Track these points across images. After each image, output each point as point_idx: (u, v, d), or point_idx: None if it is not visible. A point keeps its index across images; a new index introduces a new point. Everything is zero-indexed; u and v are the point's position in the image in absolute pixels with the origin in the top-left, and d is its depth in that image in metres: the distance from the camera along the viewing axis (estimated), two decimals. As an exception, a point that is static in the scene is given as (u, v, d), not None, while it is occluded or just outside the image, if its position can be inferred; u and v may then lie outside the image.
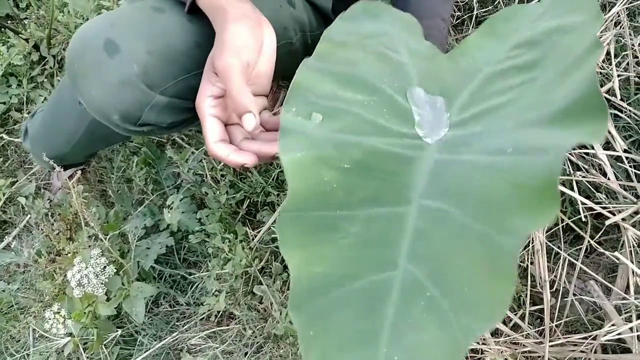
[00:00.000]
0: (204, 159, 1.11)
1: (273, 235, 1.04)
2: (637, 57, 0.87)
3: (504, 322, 0.84)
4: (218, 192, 1.07)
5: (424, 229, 0.47)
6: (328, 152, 0.52)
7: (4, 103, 1.57)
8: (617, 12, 0.89)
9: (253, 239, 1.05)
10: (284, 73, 0.94)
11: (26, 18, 1.71)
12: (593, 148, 0.85)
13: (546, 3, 0.62)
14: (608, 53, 0.88)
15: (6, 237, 1.34)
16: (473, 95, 0.58)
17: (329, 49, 0.63)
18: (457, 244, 0.44)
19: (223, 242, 1.00)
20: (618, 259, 0.74)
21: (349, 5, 0.99)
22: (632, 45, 0.87)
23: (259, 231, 1.05)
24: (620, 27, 0.89)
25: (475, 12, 1.18)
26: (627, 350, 0.74)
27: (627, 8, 0.90)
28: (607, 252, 0.78)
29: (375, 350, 0.40)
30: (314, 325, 0.41)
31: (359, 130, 0.55)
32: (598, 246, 0.80)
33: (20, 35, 1.61)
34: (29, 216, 1.35)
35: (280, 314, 0.91)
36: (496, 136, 0.49)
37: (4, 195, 1.38)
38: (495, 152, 0.47)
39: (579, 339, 0.76)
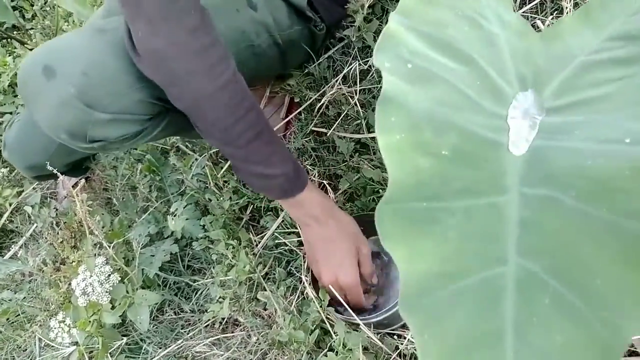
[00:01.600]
0: (207, 165, 1.11)
1: (277, 241, 1.03)
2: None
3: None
4: (221, 198, 1.06)
5: (532, 219, 0.44)
6: (426, 136, 0.48)
7: (11, 113, 1.59)
8: (620, 11, 0.88)
9: (257, 245, 1.05)
10: (255, 74, 0.94)
11: (32, 28, 1.73)
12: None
13: None
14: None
15: (13, 246, 1.35)
16: (567, 83, 0.55)
17: (415, 6, 0.58)
18: (577, 234, 0.40)
19: (227, 249, 1.00)
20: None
21: (330, 3, 0.98)
22: (636, 43, 0.86)
23: (263, 237, 1.05)
24: (623, 25, 0.88)
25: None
26: (635, 354, 0.73)
27: (629, 6, 0.89)
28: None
29: (501, 353, 0.37)
30: (428, 327, 0.39)
31: (455, 103, 0.52)
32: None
33: (26, 45, 1.63)
34: (35, 225, 1.36)
35: (284, 320, 0.91)
36: (605, 126, 0.46)
37: (10, 205, 1.39)
38: (608, 141, 0.44)
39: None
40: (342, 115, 1.06)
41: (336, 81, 1.07)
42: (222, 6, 0.84)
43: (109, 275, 0.97)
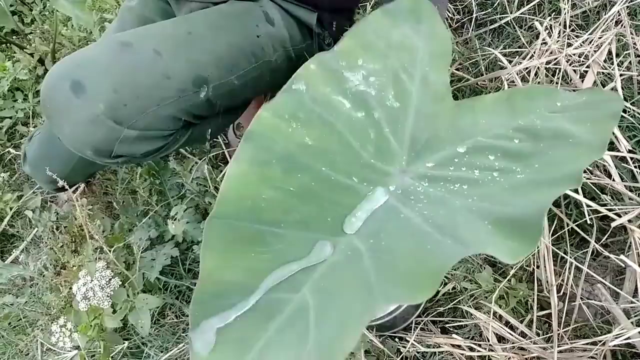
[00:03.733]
0: (207, 168, 1.12)
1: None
2: (639, 57, 0.86)
3: (512, 328, 0.82)
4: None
5: (339, 264, 0.50)
6: (275, 173, 0.54)
7: (11, 117, 1.59)
8: (618, 11, 0.88)
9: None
10: (268, 89, 0.95)
11: (31, 33, 1.73)
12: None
13: (575, 99, 0.60)
14: (610, 52, 0.87)
15: (14, 250, 1.35)
16: (453, 157, 0.58)
17: (352, 47, 0.63)
18: (351, 287, 0.48)
19: (227, 252, 1.00)
20: (624, 262, 0.73)
21: (336, 19, 0.99)
22: (634, 44, 0.86)
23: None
24: (621, 26, 0.88)
25: (474, 15, 1.17)
26: (638, 356, 0.73)
27: (627, 7, 0.89)
28: (612, 256, 0.76)
29: (242, 358, 0.45)
30: (207, 322, 0.46)
31: (329, 148, 0.57)
32: (603, 249, 0.79)
33: (25, 50, 1.63)
34: (36, 229, 1.36)
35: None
36: (444, 208, 0.52)
37: (11, 210, 1.39)
38: (431, 222, 0.50)
39: (588, 344, 0.75)
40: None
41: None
42: (243, 21, 0.85)
43: (110, 279, 0.97)
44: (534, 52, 0.93)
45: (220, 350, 0.45)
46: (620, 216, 0.77)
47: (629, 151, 0.81)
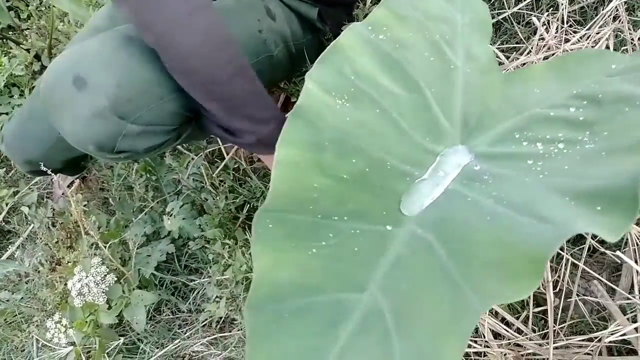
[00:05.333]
0: (203, 164, 1.11)
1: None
2: (636, 52, 0.85)
3: (508, 324, 0.82)
4: (217, 197, 1.06)
5: (406, 257, 0.44)
6: (327, 158, 0.48)
7: (7, 113, 1.58)
8: (615, 7, 0.88)
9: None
10: (268, 84, 0.94)
11: (27, 28, 1.72)
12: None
13: (631, 61, 0.55)
14: (607, 48, 0.87)
15: (10, 246, 1.34)
16: (511, 132, 0.53)
17: (386, 18, 0.58)
18: (430, 286, 0.42)
19: (223, 248, 1.00)
20: (620, 258, 0.73)
21: (337, 12, 0.99)
22: (632, 39, 0.86)
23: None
24: (619, 21, 0.87)
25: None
26: (633, 352, 0.73)
27: (625, 2, 0.89)
28: (608, 252, 0.76)
29: None
30: (266, 330, 0.40)
31: (379, 130, 0.51)
32: (600, 246, 0.79)
33: (21, 45, 1.62)
34: (32, 225, 1.35)
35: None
36: (516, 187, 0.46)
37: (7, 205, 1.38)
38: (506, 203, 0.44)
39: (583, 340, 0.75)
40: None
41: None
42: (244, 14, 0.84)
43: (105, 275, 0.97)
44: (532, 48, 0.93)
45: None
46: (616, 212, 0.76)
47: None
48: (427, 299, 0.41)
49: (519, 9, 1.00)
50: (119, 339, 1.03)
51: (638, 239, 0.75)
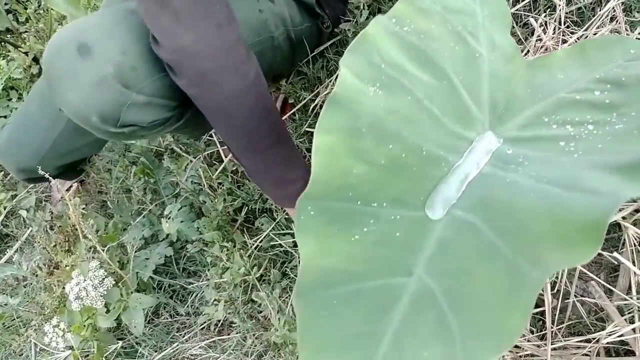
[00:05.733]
0: (201, 167, 1.11)
1: (272, 243, 1.03)
2: (633, 53, 0.85)
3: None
4: (215, 200, 1.06)
5: (450, 240, 0.45)
6: (366, 143, 0.48)
7: (5, 117, 1.58)
8: (613, 7, 0.88)
9: (252, 247, 1.04)
10: (269, 70, 0.93)
11: (25, 31, 1.72)
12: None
13: None
14: (604, 49, 0.87)
15: (8, 250, 1.34)
16: (539, 116, 0.54)
17: (408, 12, 0.59)
18: (480, 264, 0.42)
19: (221, 251, 1.00)
20: (617, 259, 0.73)
21: (331, 2, 0.98)
22: (628, 40, 0.86)
23: (258, 238, 1.05)
24: (617, 22, 0.87)
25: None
26: (631, 353, 0.73)
27: (622, 3, 0.89)
28: (605, 253, 0.76)
29: (370, 358, 0.39)
30: (317, 318, 0.41)
31: (412, 116, 0.52)
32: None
33: (19, 48, 1.62)
34: (30, 229, 1.35)
35: (280, 322, 0.90)
36: (553, 166, 0.47)
37: (5, 209, 1.38)
38: (547, 181, 0.45)
39: (581, 341, 0.75)
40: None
41: (330, 81, 1.07)
42: None
43: (103, 279, 0.97)
44: (530, 49, 0.93)
45: (341, 354, 0.40)
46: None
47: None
48: (480, 277, 0.41)
49: (517, 10, 1.00)
50: (117, 343, 1.03)
51: (635, 239, 0.75)
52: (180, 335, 1.05)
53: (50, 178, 0.96)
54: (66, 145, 0.98)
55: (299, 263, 0.93)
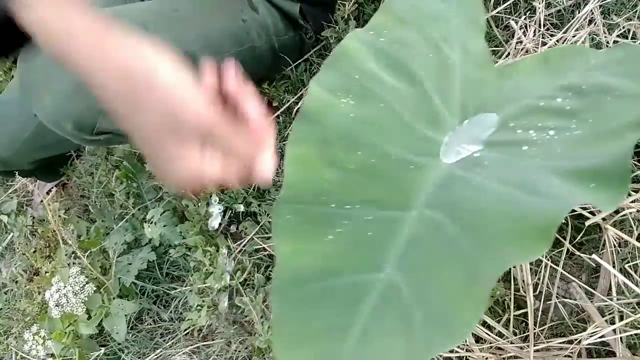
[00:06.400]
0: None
1: (256, 247, 1.02)
2: (612, 55, 0.86)
3: (489, 328, 0.82)
4: (198, 204, 1.05)
5: (419, 237, 0.48)
6: (335, 151, 0.52)
7: (-15, 120, 1.55)
8: (591, 10, 0.89)
9: (235, 251, 1.04)
10: (251, 78, 0.93)
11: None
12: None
13: (607, 56, 0.60)
14: (584, 51, 0.88)
15: (-12, 256, 1.32)
16: (506, 121, 0.57)
17: (386, 22, 0.62)
18: (444, 259, 0.45)
19: (204, 256, 0.99)
20: (596, 261, 0.73)
21: (318, 12, 0.99)
22: (607, 43, 0.86)
23: (241, 242, 1.04)
24: (595, 24, 0.88)
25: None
26: (612, 353, 0.73)
27: (600, 6, 0.90)
28: (584, 256, 0.77)
29: (340, 348, 0.42)
30: (291, 313, 0.44)
31: (383, 123, 0.55)
32: (577, 249, 0.79)
33: None
34: (11, 234, 1.33)
35: (263, 327, 0.90)
36: (515, 170, 0.49)
37: (-15, 214, 1.36)
38: (509, 184, 0.47)
39: (563, 342, 0.75)
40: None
41: (313, 84, 1.07)
42: (228, 4, 0.84)
43: (84, 285, 0.96)
44: (510, 51, 0.93)
45: (311, 345, 0.42)
46: (594, 214, 0.77)
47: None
48: (442, 272, 0.44)
49: (498, 12, 1.01)
50: (100, 350, 1.02)
51: (615, 241, 0.76)
52: (163, 341, 1.03)
53: (20, 176, 0.93)
54: (48, 136, 0.95)
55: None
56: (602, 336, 0.72)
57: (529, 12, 0.99)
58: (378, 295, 0.44)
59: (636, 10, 0.89)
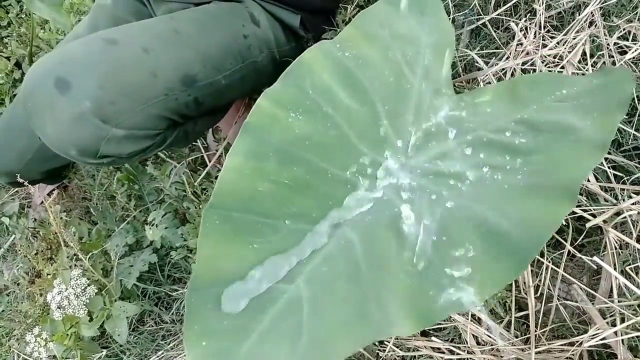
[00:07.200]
0: (185, 172, 1.10)
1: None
2: (612, 57, 0.86)
3: (490, 329, 0.82)
4: (200, 206, 1.05)
5: (333, 255, 0.51)
6: (272, 165, 0.54)
7: (-14, 123, 1.56)
8: (591, 12, 0.89)
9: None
10: (251, 91, 0.94)
11: (7, 36, 1.70)
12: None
13: (582, 86, 0.58)
14: (584, 53, 0.87)
15: (-10, 258, 1.32)
16: (450, 152, 0.57)
17: (354, 37, 0.63)
18: (344, 282, 0.48)
19: (205, 258, 0.99)
20: (597, 263, 0.73)
21: (319, 20, 0.99)
22: (608, 45, 0.86)
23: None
24: (595, 26, 0.88)
25: (451, 16, 1.17)
26: (613, 356, 0.73)
27: (600, 8, 0.90)
28: (585, 258, 0.77)
29: (239, 347, 0.46)
30: (204, 310, 0.47)
31: (325, 140, 0.57)
32: (578, 251, 0.79)
33: (1, 53, 1.60)
34: (13, 236, 1.33)
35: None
36: (438, 207, 0.52)
37: (-13, 216, 1.36)
38: (425, 220, 0.51)
39: (565, 344, 0.75)
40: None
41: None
42: (229, 20, 0.84)
43: (86, 287, 0.96)
44: (510, 53, 0.93)
45: (216, 340, 0.46)
46: (595, 216, 0.77)
47: (604, 151, 0.81)
48: (339, 293, 0.48)
49: (498, 15, 1.01)
50: (102, 352, 1.02)
51: (616, 243, 0.76)
52: (165, 343, 1.04)
53: (29, 185, 0.94)
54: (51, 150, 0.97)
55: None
56: (604, 338, 0.72)
57: (529, 14, 0.99)
58: (283, 305, 0.48)
59: (637, 12, 0.89)
